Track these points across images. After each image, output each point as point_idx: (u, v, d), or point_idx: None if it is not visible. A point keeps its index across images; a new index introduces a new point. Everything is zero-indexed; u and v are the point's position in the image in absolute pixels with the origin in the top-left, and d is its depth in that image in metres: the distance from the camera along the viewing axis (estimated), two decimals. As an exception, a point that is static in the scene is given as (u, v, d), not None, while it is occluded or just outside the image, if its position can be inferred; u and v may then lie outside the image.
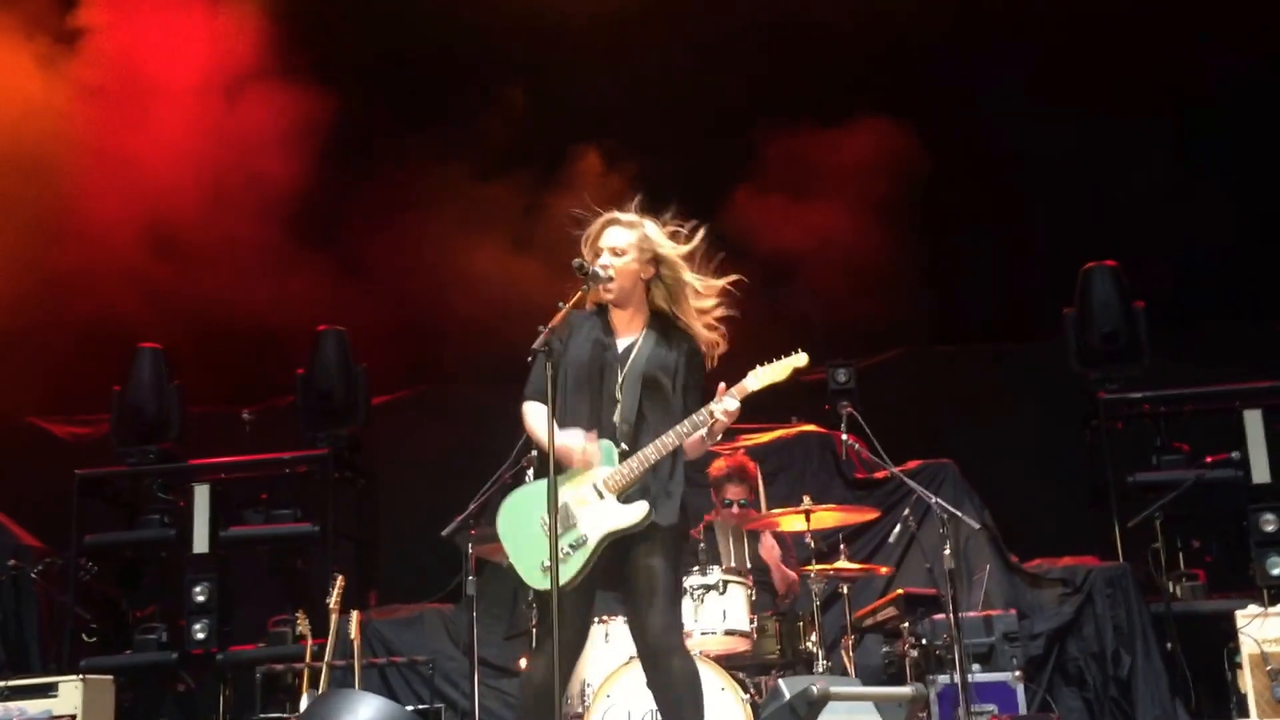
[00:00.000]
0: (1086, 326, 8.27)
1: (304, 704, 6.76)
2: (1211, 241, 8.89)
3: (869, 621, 7.03)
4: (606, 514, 4.46)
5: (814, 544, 6.41)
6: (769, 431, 8.35)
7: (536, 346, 4.36)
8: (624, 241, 4.59)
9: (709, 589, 6.12)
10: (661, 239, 4.61)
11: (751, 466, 6.97)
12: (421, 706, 7.40)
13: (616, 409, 4.53)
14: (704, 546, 6.50)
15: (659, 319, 4.66)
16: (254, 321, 9.10)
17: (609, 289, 4.57)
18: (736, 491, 6.88)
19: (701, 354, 4.65)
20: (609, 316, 4.67)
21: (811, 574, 6.35)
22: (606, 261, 4.56)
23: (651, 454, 4.46)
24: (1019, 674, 6.65)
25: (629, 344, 4.62)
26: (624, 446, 4.50)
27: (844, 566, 6.54)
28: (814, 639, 6.30)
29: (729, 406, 4.43)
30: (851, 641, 6.68)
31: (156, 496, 8.66)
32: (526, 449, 6.24)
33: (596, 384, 4.55)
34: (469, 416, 9.25)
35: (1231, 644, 6.94)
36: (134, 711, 8.12)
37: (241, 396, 9.21)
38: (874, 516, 7.15)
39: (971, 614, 6.95)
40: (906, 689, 5.56)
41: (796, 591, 6.74)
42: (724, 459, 7.00)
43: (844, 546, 6.69)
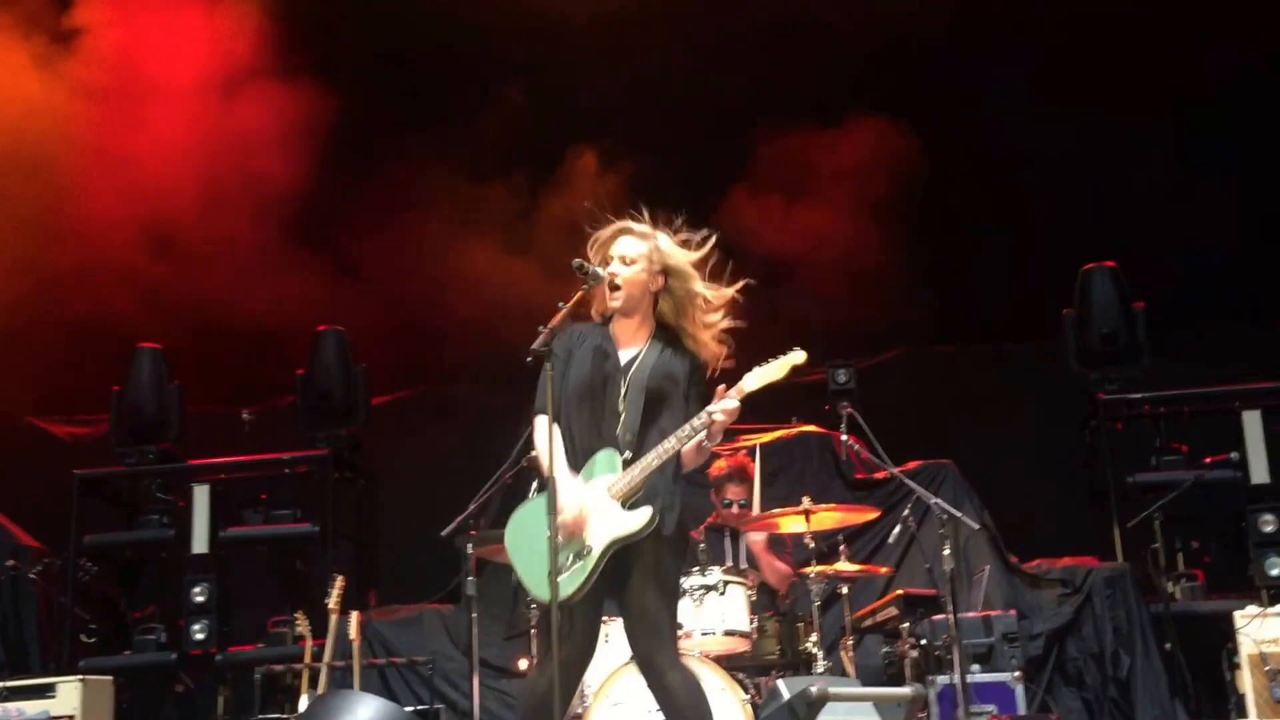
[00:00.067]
0: (1086, 327, 8.27)
1: (303, 705, 6.76)
2: (1211, 242, 8.89)
3: (869, 622, 7.03)
4: (611, 522, 4.44)
5: (814, 544, 6.41)
6: (769, 432, 8.34)
7: (536, 347, 4.32)
8: (635, 251, 4.55)
9: (709, 589, 6.11)
10: (674, 250, 4.57)
11: (752, 467, 6.97)
12: (421, 707, 7.39)
13: (620, 420, 4.51)
14: (704, 547, 6.50)
15: (664, 330, 4.63)
16: (253, 321, 9.09)
17: (615, 297, 4.54)
18: (737, 492, 6.89)
19: (704, 365, 4.62)
20: (613, 328, 4.65)
21: (811, 574, 6.36)
22: (616, 269, 4.53)
23: (653, 459, 4.43)
24: (1018, 674, 6.64)
25: (633, 355, 4.59)
26: (627, 454, 4.47)
27: (844, 567, 6.55)
28: (814, 639, 6.30)
29: (728, 407, 4.40)
30: (851, 642, 6.68)
31: (156, 497, 8.64)
32: (526, 449, 6.25)
33: (600, 396, 4.53)
34: (469, 417, 9.26)
35: (1230, 644, 6.95)
36: (133, 712, 8.11)
37: (241, 397, 9.19)
38: (874, 517, 7.15)
39: (971, 614, 6.94)
40: (905, 689, 5.56)
41: (792, 581, 6.74)
42: (724, 459, 7.01)
43: (844, 547, 6.69)
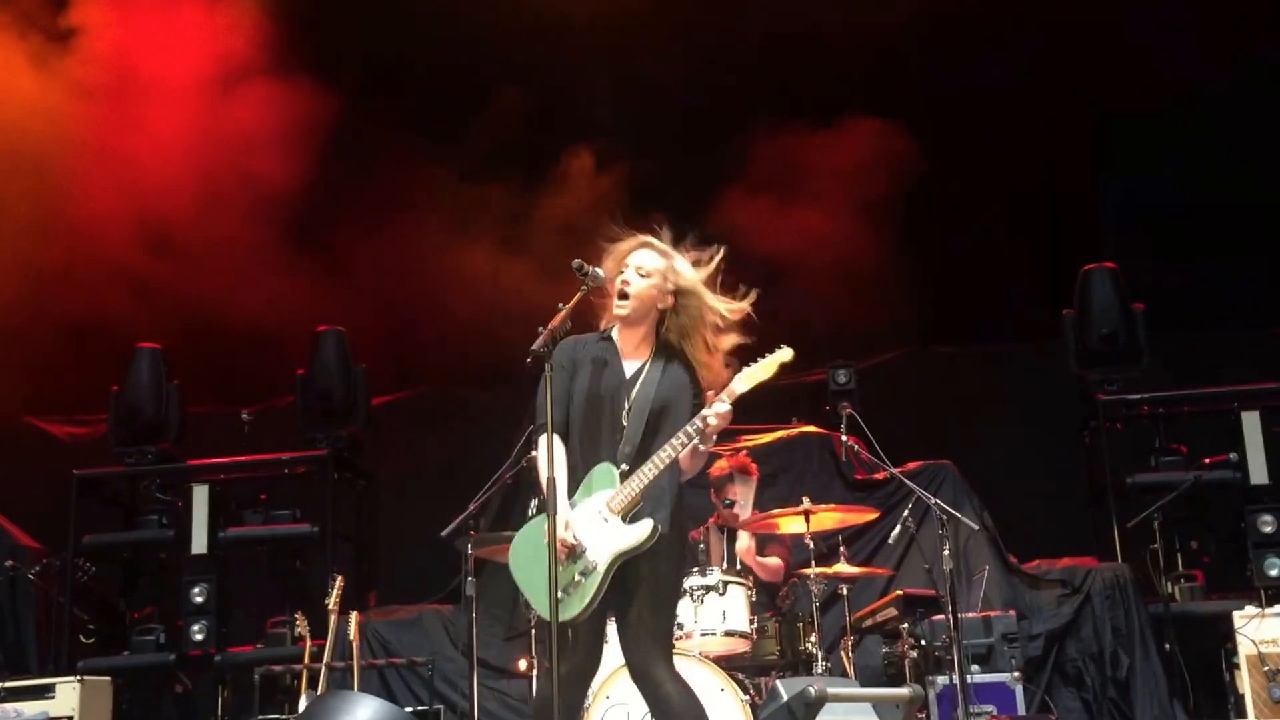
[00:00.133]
0: (1085, 328, 8.27)
1: (302, 705, 6.76)
2: (1211, 242, 8.90)
3: (868, 622, 7.03)
4: (612, 536, 4.45)
5: (814, 545, 6.41)
6: (769, 432, 8.34)
7: (536, 348, 4.34)
8: (652, 265, 4.58)
9: (709, 590, 6.12)
10: (689, 272, 4.60)
11: (753, 467, 6.97)
12: (420, 708, 7.37)
13: (622, 433, 4.52)
14: (704, 548, 6.50)
15: (666, 348, 4.65)
16: (252, 321, 9.07)
17: (624, 306, 4.56)
18: (737, 493, 6.87)
19: (701, 381, 4.63)
20: (617, 340, 4.67)
21: (811, 575, 6.36)
22: (629, 278, 4.56)
23: (650, 470, 4.44)
24: (1018, 675, 6.65)
25: (636, 369, 4.62)
26: (624, 467, 4.49)
27: (843, 568, 6.55)
28: (813, 640, 6.31)
29: (720, 410, 4.42)
30: (851, 642, 6.68)
31: (155, 497, 8.63)
32: (526, 449, 6.25)
33: (603, 408, 4.55)
34: (469, 417, 9.27)
35: (1229, 645, 6.97)
36: (131, 713, 8.10)
37: (240, 397, 9.19)
38: (873, 517, 7.16)
39: (970, 615, 6.95)
40: (904, 690, 5.54)
41: (788, 570, 6.73)
42: (725, 459, 7.01)
43: (843, 548, 6.70)
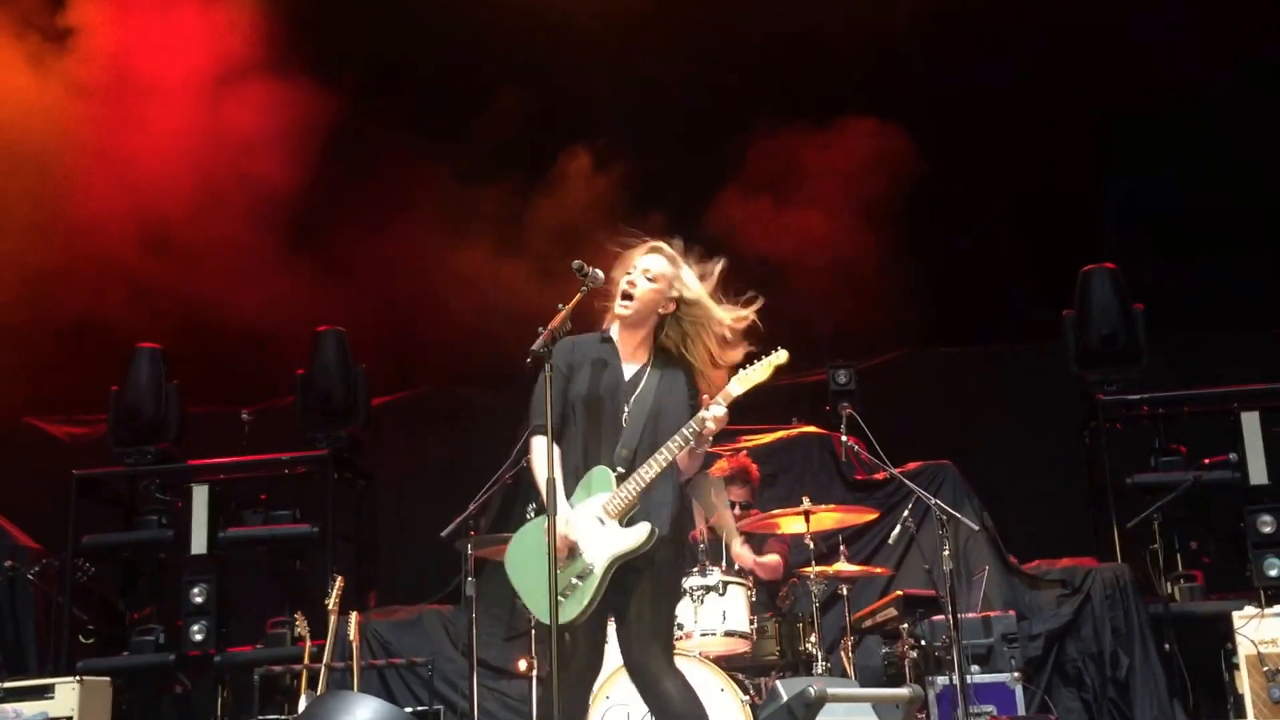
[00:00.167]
0: (1085, 328, 8.27)
1: (302, 705, 6.75)
2: (1212, 242, 8.91)
3: (868, 623, 7.03)
4: (610, 540, 4.45)
5: (814, 545, 6.41)
6: (770, 433, 8.34)
7: (536, 348, 4.34)
8: (659, 269, 4.61)
9: (709, 590, 6.12)
10: (694, 283, 4.62)
11: (754, 468, 6.97)
12: (420, 708, 7.37)
13: (620, 435, 4.53)
14: (704, 548, 6.49)
15: (664, 352, 4.67)
16: (251, 321, 9.07)
17: (627, 306, 4.58)
18: (739, 493, 6.89)
19: (697, 385, 4.65)
20: (617, 341, 4.68)
21: (811, 575, 6.36)
22: (635, 279, 4.58)
23: (647, 473, 4.45)
24: (1017, 675, 6.66)
25: (635, 372, 4.64)
26: (620, 470, 4.49)
27: (843, 568, 6.55)
28: (813, 640, 6.31)
29: (716, 414, 4.43)
30: (851, 643, 6.68)
31: (154, 497, 8.62)
32: (526, 449, 6.23)
33: (602, 410, 4.56)
34: (469, 418, 9.26)
35: (1229, 645, 6.96)
36: (131, 713, 8.10)
37: (240, 397, 9.18)
38: (873, 518, 7.17)
39: (970, 615, 6.95)
40: (904, 690, 5.54)
41: (785, 567, 6.73)
42: (726, 460, 7.01)
43: (844, 548, 6.70)
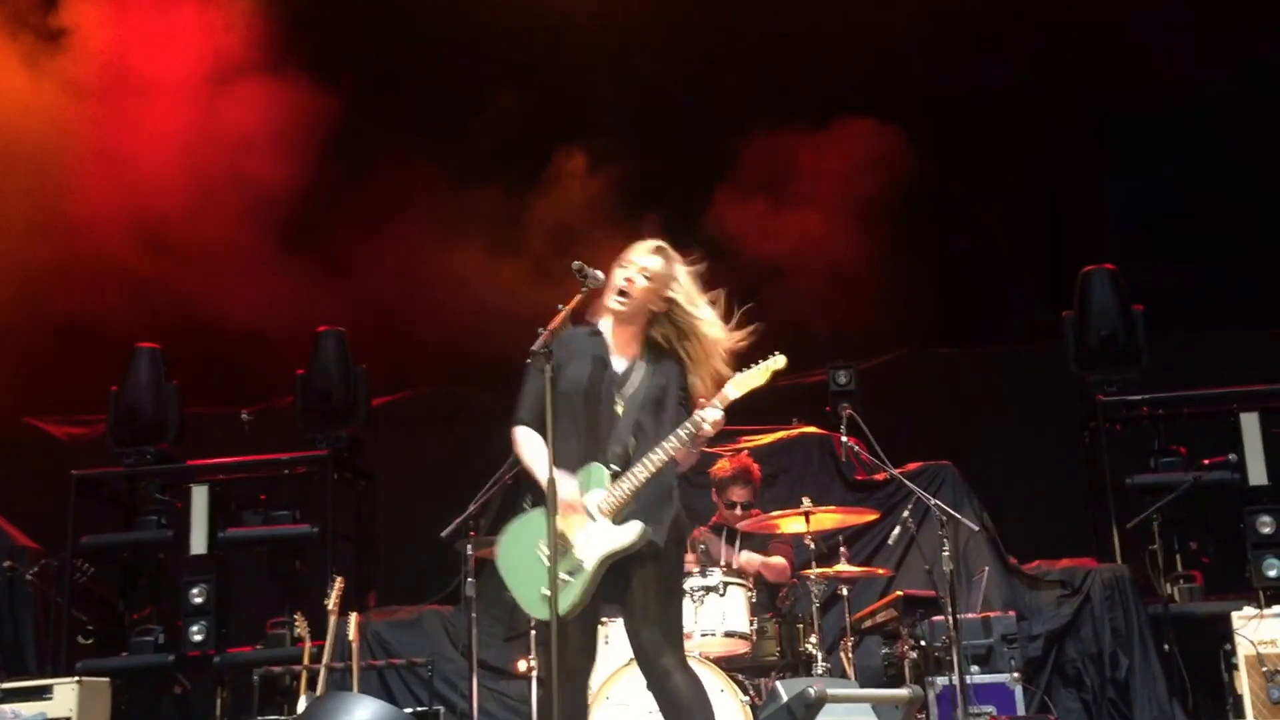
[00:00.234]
0: (1085, 329, 8.27)
1: (301, 706, 6.75)
2: (1212, 243, 8.91)
3: (868, 623, 7.03)
4: (602, 537, 4.45)
5: (814, 546, 6.41)
6: (769, 433, 8.34)
7: (536, 348, 4.33)
8: (657, 268, 4.61)
9: (709, 590, 6.11)
10: (691, 290, 4.62)
11: (756, 468, 6.96)
12: (420, 709, 7.36)
13: (613, 430, 4.53)
14: (704, 548, 6.49)
15: (655, 348, 4.68)
16: (249, 321, 9.07)
17: (621, 302, 4.58)
18: (741, 494, 6.88)
19: (688, 382, 4.65)
20: (608, 335, 4.67)
21: (811, 576, 6.35)
22: (631, 276, 4.58)
23: (641, 473, 4.44)
24: (1017, 675, 6.66)
25: (627, 366, 4.63)
26: (614, 468, 4.49)
27: (844, 569, 6.55)
28: (813, 641, 6.31)
29: (713, 417, 4.44)
30: (851, 643, 6.68)
31: (154, 497, 8.62)
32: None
33: (594, 404, 4.55)
34: (469, 418, 9.26)
35: (1228, 645, 6.97)
36: (130, 714, 8.10)
37: (239, 397, 9.18)
38: (873, 518, 7.16)
39: (970, 615, 6.95)
40: (903, 690, 5.55)
41: (791, 569, 6.73)
42: (728, 460, 7.00)
43: (844, 548, 6.69)
